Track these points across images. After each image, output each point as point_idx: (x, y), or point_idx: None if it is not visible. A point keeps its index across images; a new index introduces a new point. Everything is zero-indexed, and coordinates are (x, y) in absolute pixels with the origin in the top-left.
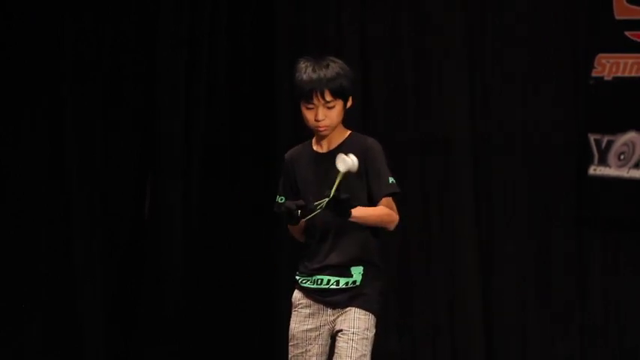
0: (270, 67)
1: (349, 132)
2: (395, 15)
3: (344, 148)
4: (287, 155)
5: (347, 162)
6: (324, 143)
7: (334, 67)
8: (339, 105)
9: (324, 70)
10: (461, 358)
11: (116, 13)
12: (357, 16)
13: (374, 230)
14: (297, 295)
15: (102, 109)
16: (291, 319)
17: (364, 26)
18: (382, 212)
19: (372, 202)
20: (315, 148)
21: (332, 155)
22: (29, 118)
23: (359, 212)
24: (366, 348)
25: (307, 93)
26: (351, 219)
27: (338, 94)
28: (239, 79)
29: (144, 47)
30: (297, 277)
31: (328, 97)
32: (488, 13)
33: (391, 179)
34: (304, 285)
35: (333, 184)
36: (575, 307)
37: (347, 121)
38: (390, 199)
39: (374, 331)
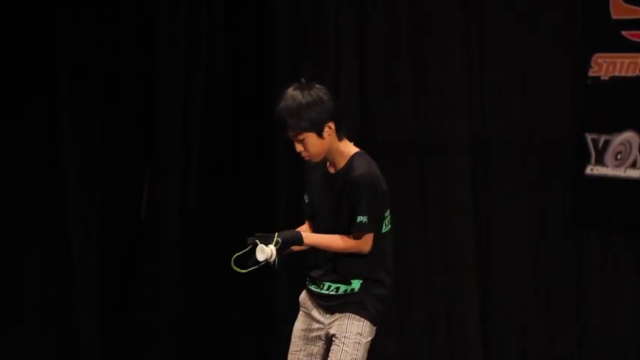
0: (269, 66)
1: (352, 154)
2: (394, 15)
3: (341, 173)
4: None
5: (266, 252)
6: (331, 165)
7: (299, 99)
8: (310, 137)
9: (288, 101)
10: (459, 358)
11: (115, 14)
12: (355, 16)
13: (377, 248)
14: (303, 295)
15: (101, 109)
16: (297, 318)
17: (363, 26)
18: (337, 244)
19: None
20: (327, 166)
21: (334, 178)
22: (29, 118)
23: (310, 240)
24: (357, 352)
25: (278, 129)
26: (305, 243)
27: (300, 128)
28: (238, 79)
29: (143, 47)
30: (307, 278)
31: (292, 133)
32: (487, 13)
33: (361, 218)
34: (309, 287)
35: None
36: (573, 307)
37: (346, 124)
38: (359, 234)
39: (369, 337)
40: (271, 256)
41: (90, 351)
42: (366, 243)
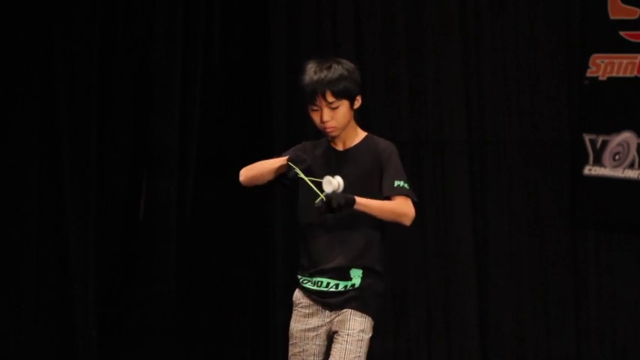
0: (267, 66)
1: (366, 134)
2: (392, 15)
3: (359, 148)
4: (304, 143)
5: (333, 183)
6: (339, 142)
7: (337, 68)
8: (343, 106)
9: (325, 71)
10: (456, 358)
11: (112, 13)
12: (353, 16)
13: (377, 236)
14: (297, 294)
15: (97, 110)
16: (291, 318)
17: (360, 26)
18: (387, 204)
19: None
20: (332, 144)
21: (350, 153)
22: (24, 119)
23: (362, 199)
24: (360, 350)
25: (310, 95)
26: (356, 206)
27: (340, 94)
28: (235, 78)
29: (140, 47)
30: (299, 277)
31: (330, 98)
32: (485, 13)
33: (398, 182)
34: (305, 285)
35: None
36: (570, 307)
37: None
38: (402, 198)
39: (370, 333)
40: (339, 187)
41: (88, 350)
42: (411, 209)
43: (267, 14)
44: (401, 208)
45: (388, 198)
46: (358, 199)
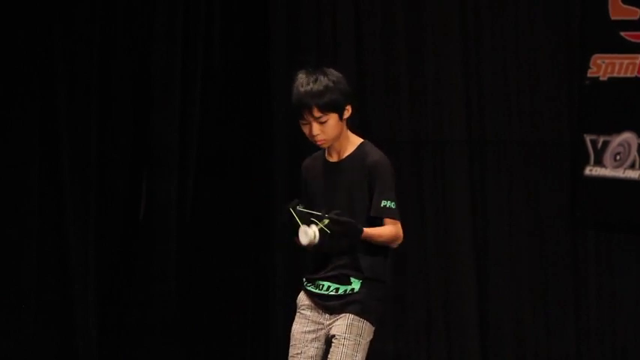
0: (267, 66)
1: (361, 141)
2: (392, 15)
3: (351, 159)
4: (303, 164)
5: (309, 234)
6: (334, 153)
7: (323, 80)
8: (332, 118)
9: (311, 85)
10: (456, 358)
11: (112, 13)
12: (353, 16)
13: (380, 246)
14: (301, 296)
15: (97, 110)
16: (294, 320)
17: (360, 25)
18: (388, 233)
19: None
20: (326, 156)
21: (342, 164)
22: (24, 118)
23: (369, 232)
24: (357, 354)
25: (297, 110)
26: (362, 236)
27: (326, 108)
28: (235, 78)
29: (140, 47)
30: (304, 280)
31: (317, 114)
32: (485, 13)
33: (386, 202)
34: (307, 288)
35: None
36: (570, 307)
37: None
38: (392, 221)
39: (368, 338)
40: (314, 238)
41: (88, 350)
42: (401, 233)
43: (267, 14)
44: (395, 234)
45: (376, 218)
46: (365, 232)
